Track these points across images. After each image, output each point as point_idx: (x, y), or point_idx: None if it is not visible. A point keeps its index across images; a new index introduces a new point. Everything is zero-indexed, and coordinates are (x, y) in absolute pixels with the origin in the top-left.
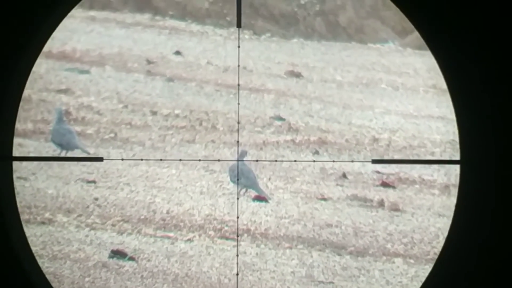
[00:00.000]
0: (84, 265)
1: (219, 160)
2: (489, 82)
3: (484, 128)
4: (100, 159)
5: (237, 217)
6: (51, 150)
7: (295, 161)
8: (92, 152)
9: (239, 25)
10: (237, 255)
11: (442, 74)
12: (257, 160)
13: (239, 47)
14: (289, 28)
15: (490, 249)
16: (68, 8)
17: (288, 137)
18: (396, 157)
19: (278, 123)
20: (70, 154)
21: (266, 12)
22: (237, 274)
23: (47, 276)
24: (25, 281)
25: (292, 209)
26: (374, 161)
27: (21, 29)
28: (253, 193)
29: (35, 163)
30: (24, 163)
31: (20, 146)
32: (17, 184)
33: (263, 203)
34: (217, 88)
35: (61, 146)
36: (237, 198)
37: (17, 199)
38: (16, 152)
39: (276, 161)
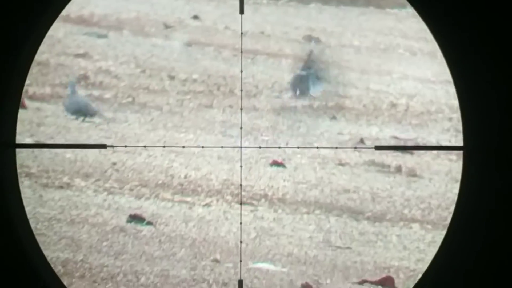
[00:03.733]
0: (102, 229)
1: (222, 147)
2: (493, 69)
3: (487, 114)
4: (103, 146)
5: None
6: (68, 114)
7: (298, 147)
8: (111, 116)
9: (241, 12)
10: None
11: (446, 63)
12: (260, 147)
13: (241, 33)
14: None
15: (493, 233)
16: None
17: (306, 102)
18: (414, 122)
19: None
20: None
21: None
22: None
23: (64, 241)
24: (29, 268)
25: (309, 174)
26: (377, 148)
27: (23, 18)
28: (271, 158)
29: (53, 127)
30: (42, 127)
31: (38, 110)
32: (36, 148)
33: (280, 168)
34: (235, 53)
35: (80, 113)
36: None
37: (35, 164)
38: (34, 117)
39: (279, 147)
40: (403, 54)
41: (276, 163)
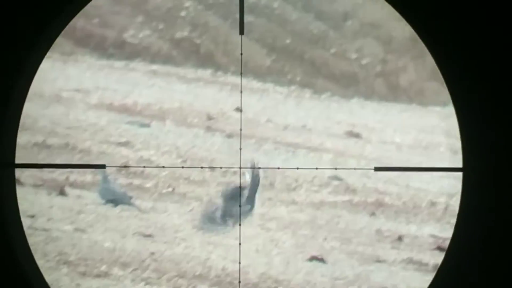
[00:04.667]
0: None
1: (221, 168)
2: (492, 90)
3: (487, 136)
4: (102, 166)
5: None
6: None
7: (297, 168)
8: (150, 206)
9: (242, 32)
10: None
11: (445, 82)
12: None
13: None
14: (349, 87)
15: (492, 257)
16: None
17: (346, 198)
18: (452, 221)
19: (336, 183)
20: (122, 207)
21: (327, 71)
22: None
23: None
24: (23, 281)
25: (347, 270)
26: (377, 169)
27: (24, 34)
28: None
29: (93, 215)
30: (82, 215)
31: (79, 197)
32: (75, 235)
33: (319, 263)
34: (276, 145)
35: (113, 201)
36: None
37: (74, 251)
38: (74, 204)
39: (279, 168)
40: (444, 152)
41: (314, 258)
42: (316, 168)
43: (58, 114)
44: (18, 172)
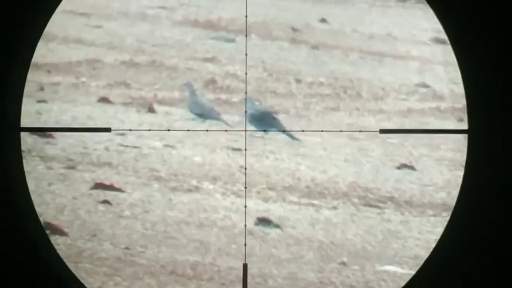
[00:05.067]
0: (230, 232)
1: (226, 131)
2: (498, 54)
3: (492, 97)
4: (108, 129)
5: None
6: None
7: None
8: (237, 120)
9: None
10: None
11: (450, 44)
12: (265, 131)
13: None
14: None
15: (497, 223)
16: None
17: (433, 104)
18: None
19: (423, 90)
20: (212, 123)
21: None
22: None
23: (193, 244)
24: (36, 256)
25: (436, 176)
26: (382, 131)
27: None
28: (398, 161)
29: (181, 132)
30: (172, 131)
31: (167, 114)
32: (165, 151)
33: (408, 170)
34: (362, 55)
35: (202, 115)
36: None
37: (164, 167)
38: (163, 121)
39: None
40: None
41: (404, 166)
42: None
43: (144, 31)
44: (107, 90)
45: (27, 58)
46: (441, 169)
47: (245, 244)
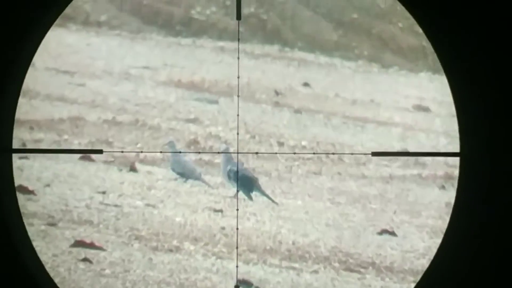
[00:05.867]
0: None
1: (218, 153)
2: (490, 77)
3: (484, 121)
4: (99, 151)
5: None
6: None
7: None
8: (219, 181)
9: (239, 18)
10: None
11: (443, 70)
12: (257, 153)
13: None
14: (417, 62)
15: (489, 245)
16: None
17: (415, 171)
18: None
19: (405, 157)
20: (192, 183)
21: (395, 46)
22: None
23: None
24: (25, 275)
25: (417, 243)
26: (374, 154)
27: (22, 21)
28: (379, 227)
29: (163, 190)
30: (153, 190)
31: (149, 173)
32: (146, 211)
33: (388, 236)
34: (344, 120)
35: (183, 174)
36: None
37: (145, 227)
38: (145, 180)
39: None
40: None
41: (385, 231)
42: (314, 153)
43: (127, 91)
44: (89, 147)
45: (18, 85)
46: (422, 236)
47: None
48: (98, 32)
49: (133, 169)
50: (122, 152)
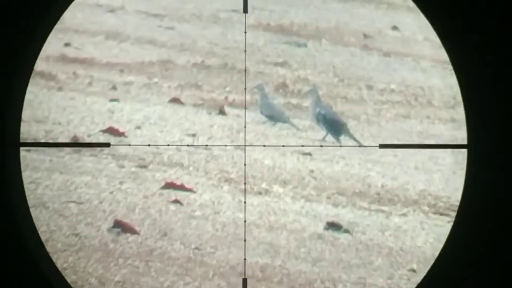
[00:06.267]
0: (299, 236)
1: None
2: (498, 68)
3: (492, 112)
4: (107, 144)
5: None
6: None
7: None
8: (308, 124)
9: (245, 11)
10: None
11: (450, 61)
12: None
13: (245, 32)
14: None
15: (496, 238)
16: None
17: None
18: None
19: None
20: (281, 126)
21: None
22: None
23: (263, 246)
24: (33, 267)
25: None
26: (381, 146)
27: (27, 18)
28: None
29: (252, 133)
30: (241, 134)
31: (238, 116)
32: (235, 154)
33: None
34: (433, 63)
35: (272, 117)
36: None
37: (234, 169)
38: (234, 123)
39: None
40: None
41: None
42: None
43: (216, 34)
44: (178, 91)
45: (27, 74)
46: None
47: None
48: None
49: (222, 112)
50: (130, 145)
